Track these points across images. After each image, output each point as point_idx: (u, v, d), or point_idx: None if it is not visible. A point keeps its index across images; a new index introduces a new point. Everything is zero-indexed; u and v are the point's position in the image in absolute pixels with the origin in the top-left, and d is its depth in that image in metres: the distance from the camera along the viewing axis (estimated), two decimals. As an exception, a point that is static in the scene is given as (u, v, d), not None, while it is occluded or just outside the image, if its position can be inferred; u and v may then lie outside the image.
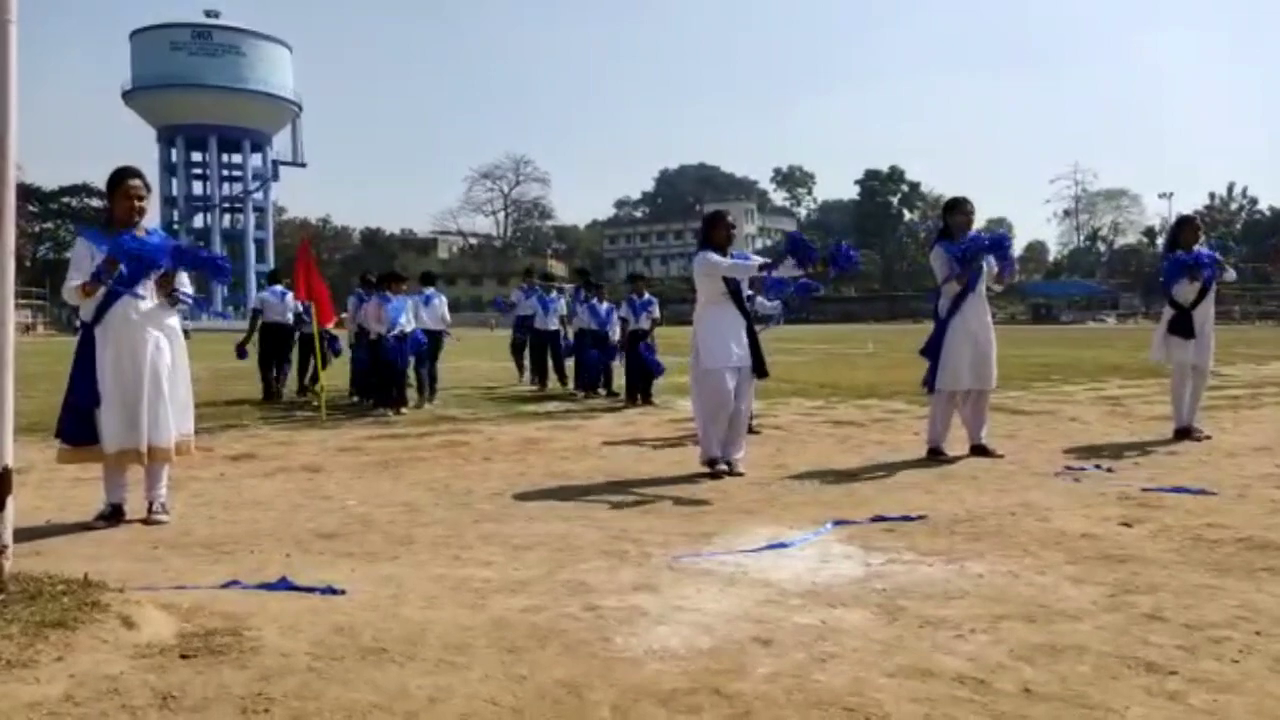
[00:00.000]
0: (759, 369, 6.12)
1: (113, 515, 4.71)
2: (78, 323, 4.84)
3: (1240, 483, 5.48)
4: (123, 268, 4.59)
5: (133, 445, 4.65)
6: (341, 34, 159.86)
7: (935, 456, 6.53)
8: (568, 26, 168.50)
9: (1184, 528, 4.33)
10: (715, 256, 6.07)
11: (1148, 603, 3.21)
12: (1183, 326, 7.34)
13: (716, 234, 6.18)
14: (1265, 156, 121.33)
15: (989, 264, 6.63)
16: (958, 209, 6.71)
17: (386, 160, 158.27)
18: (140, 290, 4.67)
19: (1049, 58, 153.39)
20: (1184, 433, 7.36)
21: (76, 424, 4.65)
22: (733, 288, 6.09)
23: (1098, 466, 6.06)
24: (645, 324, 11.14)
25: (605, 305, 12.35)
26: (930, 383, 6.61)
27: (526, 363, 14.25)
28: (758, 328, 6.42)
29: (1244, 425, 8.26)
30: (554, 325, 13.31)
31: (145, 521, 4.72)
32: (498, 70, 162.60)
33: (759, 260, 6.17)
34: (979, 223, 6.85)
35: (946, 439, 6.64)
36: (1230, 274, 7.59)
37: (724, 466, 6.02)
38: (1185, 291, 7.36)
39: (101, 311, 4.63)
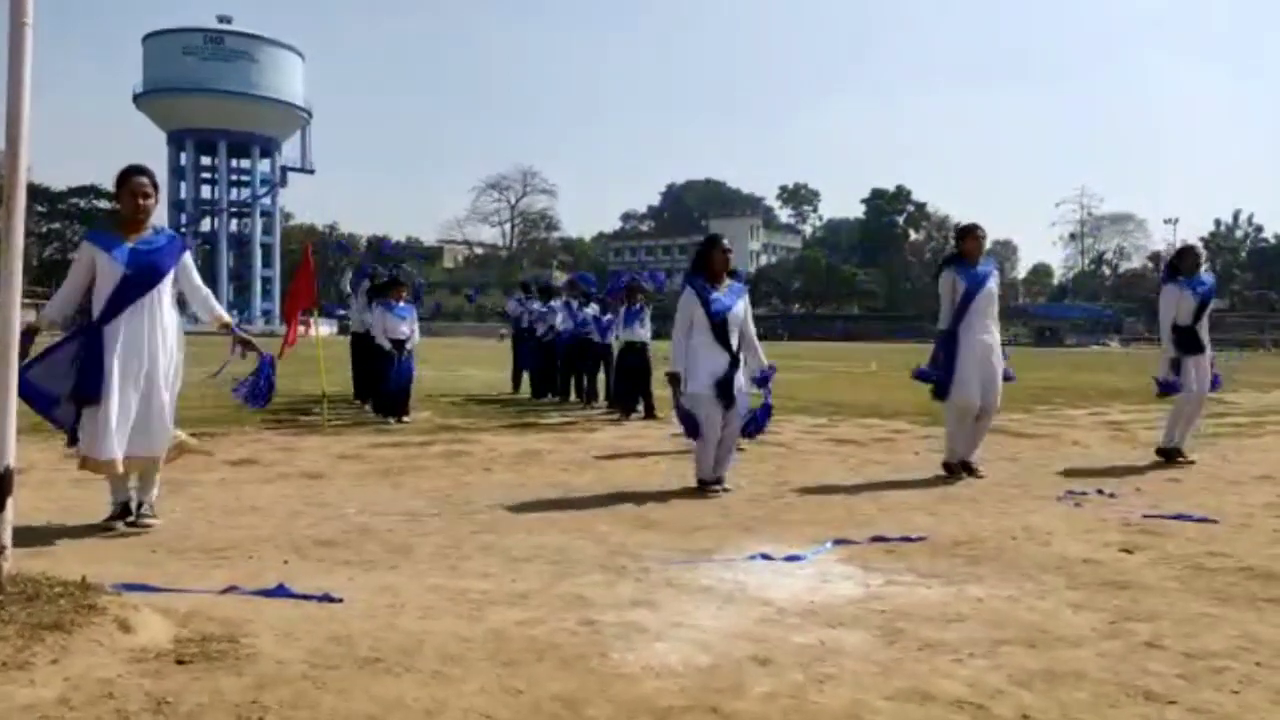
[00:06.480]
0: (726, 397, 5.98)
1: (123, 513, 4.70)
2: (78, 324, 4.78)
3: (1242, 511, 5.46)
4: (126, 271, 4.59)
5: (142, 453, 4.62)
6: (352, 42, 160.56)
7: (948, 471, 6.56)
8: (578, 40, 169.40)
9: (1185, 555, 4.32)
10: (689, 299, 6.06)
11: (1148, 630, 3.20)
12: (1190, 345, 7.36)
13: (713, 261, 6.13)
14: (1271, 184, 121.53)
15: (991, 282, 6.67)
16: (970, 235, 6.82)
17: (394, 169, 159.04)
18: (153, 298, 4.65)
19: (1056, 80, 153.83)
20: (1173, 453, 7.39)
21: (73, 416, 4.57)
22: (715, 319, 6.00)
23: (1099, 491, 6.05)
24: (642, 335, 11.10)
25: (606, 315, 12.35)
26: (942, 394, 6.61)
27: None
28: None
29: (1246, 453, 8.23)
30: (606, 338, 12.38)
31: (134, 524, 4.68)
32: (507, 82, 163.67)
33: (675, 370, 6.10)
34: (985, 244, 6.89)
35: (959, 455, 6.65)
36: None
37: (716, 487, 6.00)
38: (1183, 314, 7.40)
39: (113, 313, 4.57)
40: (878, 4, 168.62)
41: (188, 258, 4.92)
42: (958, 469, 6.60)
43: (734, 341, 6.08)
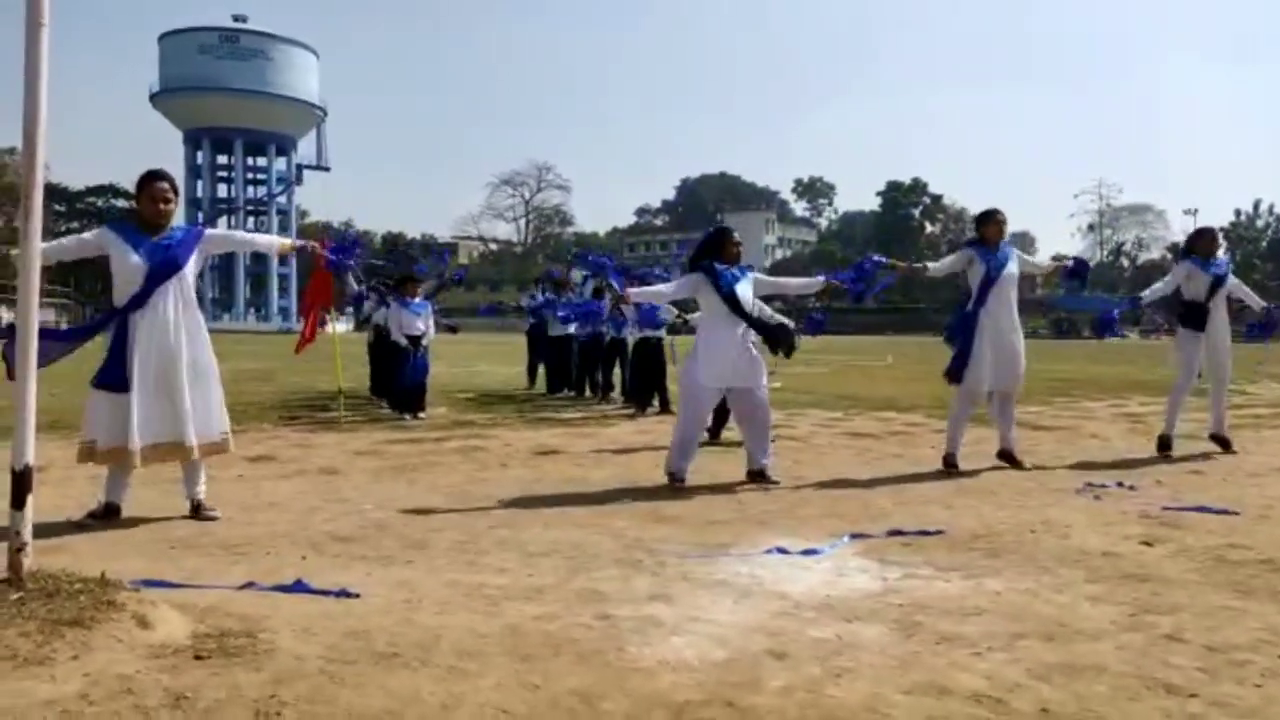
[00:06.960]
0: (778, 344, 6.13)
1: (105, 514, 4.72)
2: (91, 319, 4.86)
3: (1263, 503, 5.41)
4: (147, 265, 4.67)
5: (167, 440, 4.69)
6: (366, 40, 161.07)
7: (948, 467, 6.52)
8: (591, 36, 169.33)
9: (1206, 548, 4.28)
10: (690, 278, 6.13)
11: (1168, 623, 3.17)
12: (1195, 319, 7.29)
13: (726, 254, 6.10)
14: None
15: (1012, 265, 6.63)
16: (990, 220, 6.76)
17: (409, 165, 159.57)
18: (173, 288, 4.73)
19: (1073, 71, 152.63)
20: (1165, 443, 7.34)
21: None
22: (724, 290, 5.96)
23: (1119, 484, 6.00)
24: (657, 330, 11.05)
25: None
26: (955, 375, 6.56)
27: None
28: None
29: (1266, 445, 8.16)
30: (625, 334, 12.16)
31: (197, 518, 4.81)
32: (521, 78, 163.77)
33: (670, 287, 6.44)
34: (1006, 230, 6.81)
35: (961, 444, 6.63)
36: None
37: (755, 482, 6.04)
38: (1196, 290, 7.32)
39: (136, 305, 4.65)
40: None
41: (209, 232, 5.10)
42: (956, 463, 6.55)
43: (748, 310, 6.04)
